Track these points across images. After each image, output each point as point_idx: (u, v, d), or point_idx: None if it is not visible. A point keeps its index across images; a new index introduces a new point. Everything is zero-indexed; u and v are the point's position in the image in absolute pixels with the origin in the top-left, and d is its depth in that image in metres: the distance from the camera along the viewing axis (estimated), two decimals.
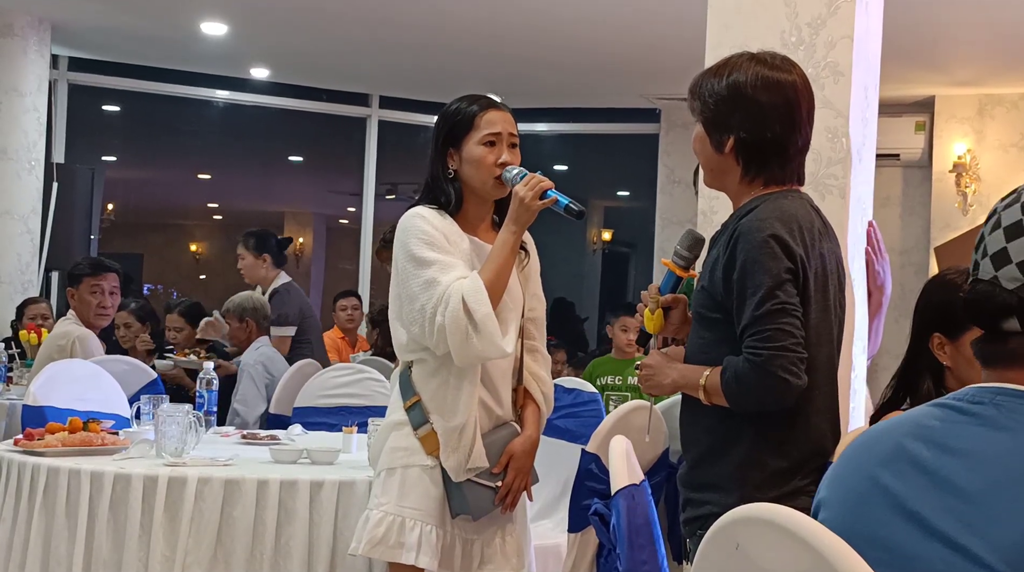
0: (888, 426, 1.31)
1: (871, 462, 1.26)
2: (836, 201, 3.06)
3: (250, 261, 6.09)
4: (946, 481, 1.19)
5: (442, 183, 2.93)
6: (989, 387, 1.26)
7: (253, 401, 5.61)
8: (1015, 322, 1.26)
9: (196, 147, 12.59)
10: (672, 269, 2.59)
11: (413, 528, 2.80)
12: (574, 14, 6.97)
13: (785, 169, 2.42)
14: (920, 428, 1.25)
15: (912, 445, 1.24)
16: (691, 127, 2.53)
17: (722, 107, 2.39)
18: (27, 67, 7.79)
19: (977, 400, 1.25)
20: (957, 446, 1.21)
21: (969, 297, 1.32)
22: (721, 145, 2.41)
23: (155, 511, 3.11)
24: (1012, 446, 1.18)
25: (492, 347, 2.75)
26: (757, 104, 2.37)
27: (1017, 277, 1.26)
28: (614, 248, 12.73)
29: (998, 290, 1.27)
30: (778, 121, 2.38)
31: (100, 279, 5.33)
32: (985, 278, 1.29)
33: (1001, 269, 1.27)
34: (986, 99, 8.69)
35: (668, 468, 2.75)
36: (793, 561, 1.12)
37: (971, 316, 1.32)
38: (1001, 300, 1.27)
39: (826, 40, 3.10)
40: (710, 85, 2.43)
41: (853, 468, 1.29)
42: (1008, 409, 1.22)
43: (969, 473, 1.18)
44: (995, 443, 1.19)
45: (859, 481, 1.25)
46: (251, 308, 6.09)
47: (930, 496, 1.19)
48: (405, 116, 9.98)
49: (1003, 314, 1.27)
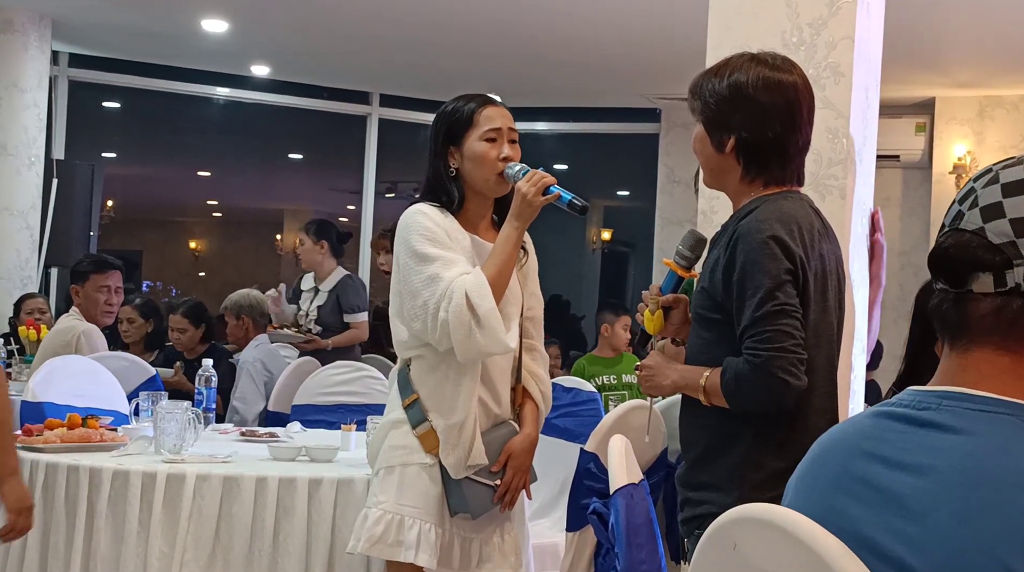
0: (835, 442, 1.26)
1: (825, 484, 1.22)
2: (836, 202, 3.06)
3: (308, 246, 6.17)
4: (895, 499, 1.15)
5: (444, 182, 2.93)
6: (935, 390, 1.21)
7: (252, 398, 5.61)
8: (989, 281, 1.18)
9: (196, 144, 12.59)
10: (674, 269, 2.59)
11: (412, 526, 2.80)
12: (575, 13, 6.97)
13: (785, 169, 2.42)
14: (870, 441, 1.21)
15: (862, 464, 1.19)
16: (691, 127, 2.53)
17: (723, 107, 2.40)
18: (27, 63, 7.79)
19: (924, 405, 1.20)
20: (908, 461, 1.16)
21: (944, 248, 1.22)
22: (722, 145, 2.41)
23: (154, 508, 3.11)
24: (960, 456, 1.14)
25: (496, 342, 2.75)
26: (758, 104, 2.37)
27: (1007, 232, 1.18)
28: (614, 248, 12.73)
29: (981, 241, 1.19)
30: (779, 121, 2.38)
31: (107, 277, 5.37)
32: (968, 229, 1.21)
33: (990, 222, 1.19)
34: (986, 101, 8.69)
35: (666, 468, 2.75)
36: (790, 561, 1.12)
37: (941, 268, 1.22)
38: (981, 253, 1.18)
39: (827, 41, 3.10)
40: (711, 85, 2.43)
41: (806, 490, 1.25)
42: (954, 413, 1.17)
43: (915, 490, 1.14)
44: (945, 454, 1.14)
45: (817, 508, 1.20)
46: (248, 306, 6.09)
47: (882, 517, 1.15)
48: (405, 114, 9.97)
49: (978, 268, 1.18)
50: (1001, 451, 1.13)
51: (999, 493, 1.11)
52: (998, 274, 1.18)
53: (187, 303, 6.10)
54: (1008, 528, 1.09)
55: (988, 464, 1.13)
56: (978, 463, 1.13)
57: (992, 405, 1.17)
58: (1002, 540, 1.08)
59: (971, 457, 1.14)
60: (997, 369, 1.19)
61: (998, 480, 1.11)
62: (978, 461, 1.13)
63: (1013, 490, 1.10)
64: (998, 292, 1.18)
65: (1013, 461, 1.12)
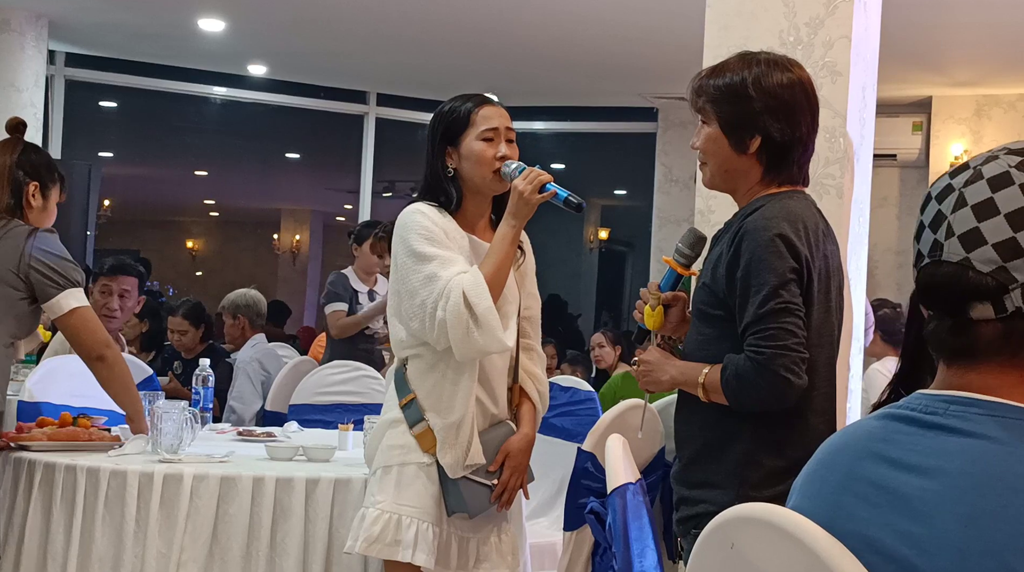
0: (843, 444, 1.26)
1: (832, 486, 1.22)
2: (834, 201, 3.06)
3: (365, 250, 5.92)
4: (902, 501, 1.15)
5: (442, 181, 2.93)
6: (942, 395, 1.20)
7: (249, 398, 5.61)
8: (988, 309, 1.18)
9: (193, 144, 12.59)
10: (674, 267, 2.58)
11: (410, 526, 2.80)
12: (572, 12, 6.97)
13: (802, 170, 2.42)
14: (878, 443, 1.20)
15: (870, 466, 1.19)
16: (689, 126, 2.52)
17: (746, 107, 2.37)
18: (24, 63, 7.79)
19: (931, 410, 1.19)
20: (916, 462, 1.16)
21: (933, 280, 1.21)
22: (744, 145, 2.38)
23: (151, 508, 3.10)
24: (968, 459, 1.13)
25: (493, 341, 2.75)
26: (787, 104, 2.36)
27: (994, 259, 1.17)
28: (611, 247, 12.73)
29: (970, 273, 1.18)
30: (804, 121, 2.38)
31: (110, 280, 5.20)
32: (952, 260, 1.20)
33: (973, 250, 1.18)
34: (983, 100, 8.70)
35: (663, 467, 2.75)
36: (788, 561, 1.12)
37: (934, 302, 1.22)
38: (974, 284, 1.18)
39: (824, 40, 3.10)
40: (723, 84, 2.39)
41: (814, 492, 1.25)
42: (962, 418, 1.16)
43: (923, 492, 1.14)
44: (954, 456, 1.14)
45: (824, 509, 1.20)
46: (244, 305, 6.09)
47: (889, 518, 1.15)
48: (403, 114, 9.97)
49: (975, 299, 1.18)
50: (1010, 455, 1.13)
51: (1007, 496, 1.10)
52: (996, 301, 1.18)
53: (186, 304, 6.08)
54: (1016, 532, 1.08)
55: (997, 467, 1.12)
56: (987, 466, 1.13)
57: (1001, 410, 1.16)
58: (1009, 543, 1.08)
59: (980, 460, 1.14)
60: (1003, 383, 1.19)
61: (1006, 483, 1.11)
62: (987, 464, 1.13)
63: (1021, 494, 1.10)
64: (999, 318, 1.18)
65: (1021, 465, 1.12)
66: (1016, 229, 1.17)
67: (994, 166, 1.21)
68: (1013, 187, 1.19)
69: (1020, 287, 1.17)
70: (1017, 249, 1.17)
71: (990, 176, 1.20)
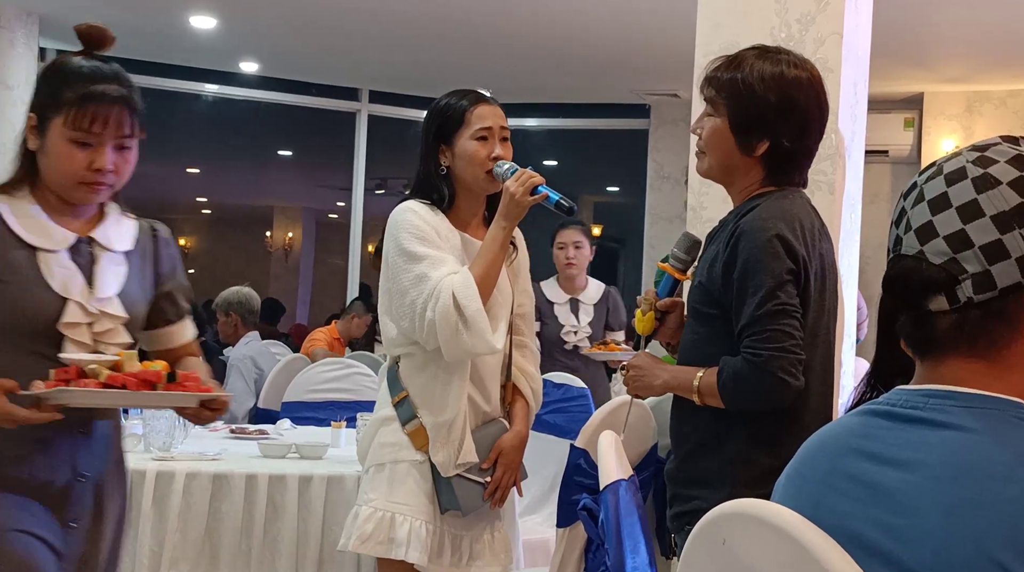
0: (823, 441, 1.27)
1: (814, 482, 1.23)
2: (825, 197, 3.07)
3: (586, 251, 6.00)
4: (884, 494, 1.16)
5: (434, 180, 2.93)
6: (920, 389, 1.22)
7: (242, 396, 5.60)
8: (943, 300, 1.19)
9: (185, 141, 12.55)
10: (670, 272, 2.57)
11: (403, 523, 2.80)
12: (564, 9, 6.97)
13: (804, 174, 2.41)
14: (858, 439, 1.21)
15: (851, 461, 1.20)
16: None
17: (762, 111, 2.33)
18: (15, 60, 7.76)
19: (911, 405, 1.20)
20: (897, 456, 1.17)
21: (892, 274, 1.24)
22: (750, 147, 2.35)
23: (143, 505, 3.10)
24: (948, 450, 1.14)
25: (482, 343, 2.75)
26: (804, 115, 2.35)
27: (945, 251, 1.19)
28: (603, 243, 12.72)
29: (924, 265, 1.21)
30: (814, 129, 2.37)
31: None
32: (910, 254, 1.23)
33: (927, 243, 1.21)
34: (974, 96, 8.71)
35: (656, 463, 2.75)
36: (780, 557, 1.13)
37: (894, 295, 1.25)
38: (927, 276, 1.20)
39: (815, 36, 3.11)
40: (744, 82, 2.34)
41: (795, 489, 1.26)
42: (940, 410, 1.18)
43: (904, 484, 1.15)
44: (934, 449, 1.15)
45: (806, 505, 1.20)
46: (236, 302, 6.08)
47: (871, 512, 1.16)
48: (395, 111, 9.96)
49: (929, 291, 1.20)
50: (988, 444, 1.14)
51: (984, 484, 1.11)
52: (948, 292, 1.20)
53: None
54: (995, 520, 1.09)
55: (975, 457, 1.14)
56: (966, 456, 1.14)
57: (977, 401, 1.18)
58: (989, 532, 1.09)
59: (959, 451, 1.15)
60: (973, 373, 1.20)
61: (985, 473, 1.12)
62: (966, 454, 1.14)
63: (1000, 482, 1.11)
64: (953, 309, 1.20)
65: (1000, 453, 1.13)
66: (965, 221, 1.19)
67: (954, 162, 1.23)
68: (966, 181, 1.21)
69: (970, 278, 1.18)
70: (966, 240, 1.19)
71: (948, 171, 1.23)
